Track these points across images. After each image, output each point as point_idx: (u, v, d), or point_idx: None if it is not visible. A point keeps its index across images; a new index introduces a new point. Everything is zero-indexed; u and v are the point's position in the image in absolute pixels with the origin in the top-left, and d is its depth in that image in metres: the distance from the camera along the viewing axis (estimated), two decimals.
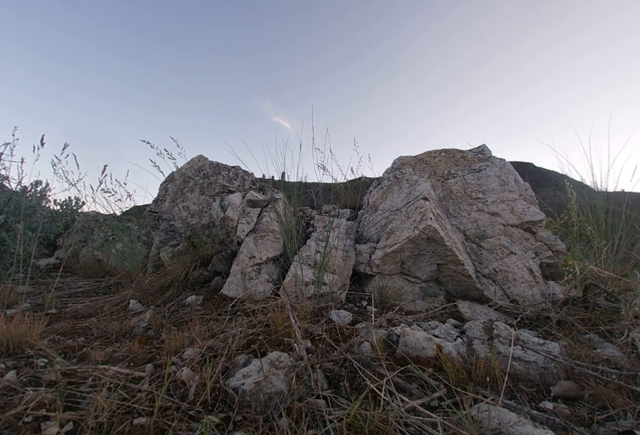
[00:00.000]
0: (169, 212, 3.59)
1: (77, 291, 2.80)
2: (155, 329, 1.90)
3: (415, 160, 3.76)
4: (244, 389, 1.14)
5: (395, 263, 2.52)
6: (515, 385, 1.29)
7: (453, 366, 1.32)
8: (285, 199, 3.16)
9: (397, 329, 1.73)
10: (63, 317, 2.09)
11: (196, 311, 2.12)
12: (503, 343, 1.53)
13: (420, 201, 2.63)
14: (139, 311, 2.23)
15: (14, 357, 1.42)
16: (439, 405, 1.15)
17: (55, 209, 4.37)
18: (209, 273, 2.76)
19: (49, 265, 3.83)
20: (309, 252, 2.64)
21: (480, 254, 2.61)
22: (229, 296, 2.32)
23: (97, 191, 3.33)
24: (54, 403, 1.06)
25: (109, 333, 1.80)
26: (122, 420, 0.99)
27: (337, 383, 1.29)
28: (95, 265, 3.57)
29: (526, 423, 1.01)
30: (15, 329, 1.51)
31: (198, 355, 1.44)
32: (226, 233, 2.83)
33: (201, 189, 3.81)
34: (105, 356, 1.48)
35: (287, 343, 1.55)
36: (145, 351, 1.55)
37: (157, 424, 0.98)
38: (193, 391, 1.15)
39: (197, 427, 0.98)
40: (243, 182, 4.18)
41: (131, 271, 3.03)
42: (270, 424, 1.00)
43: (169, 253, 3.13)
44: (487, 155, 3.45)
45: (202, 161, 4.04)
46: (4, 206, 3.23)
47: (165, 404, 1.07)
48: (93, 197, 3.45)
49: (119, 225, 3.49)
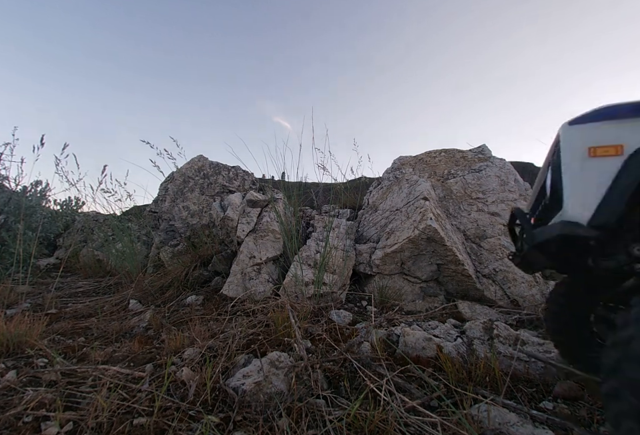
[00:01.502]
0: (169, 212, 3.59)
1: (76, 291, 2.80)
2: (155, 329, 1.90)
3: (414, 160, 3.76)
4: (244, 389, 1.14)
5: (394, 263, 2.51)
6: (515, 385, 1.29)
7: (452, 366, 1.32)
8: (284, 199, 3.16)
9: (397, 329, 1.73)
10: (63, 317, 2.09)
11: (196, 311, 2.12)
12: (503, 343, 1.53)
13: (420, 201, 2.63)
14: (139, 311, 2.23)
15: (14, 357, 1.42)
16: (439, 405, 1.15)
17: (55, 209, 4.37)
18: (209, 273, 2.76)
19: (48, 265, 3.83)
20: (309, 252, 2.64)
21: (480, 254, 2.61)
22: (229, 296, 2.32)
23: (96, 191, 3.33)
24: (54, 403, 1.06)
25: (109, 333, 1.80)
26: (122, 420, 0.99)
27: (337, 383, 1.29)
28: (95, 265, 3.57)
29: (526, 424, 1.01)
30: (15, 329, 1.51)
31: (198, 355, 1.44)
32: (226, 233, 2.83)
33: (200, 189, 3.81)
34: (104, 356, 1.48)
35: (287, 343, 1.55)
36: (145, 351, 1.55)
37: (157, 424, 0.98)
38: (193, 391, 1.15)
39: (196, 427, 0.98)
40: (242, 182, 4.18)
41: (131, 271, 3.03)
42: (270, 424, 1.00)
43: (169, 253, 3.13)
44: (487, 155, 3.45)
45: (202, 161, 4.04)
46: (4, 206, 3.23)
47: (164, 404, 1.07)
48: (93, 197, 3.45)
49: (119, 225, 3.49)
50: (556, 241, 0.86)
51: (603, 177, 0.80)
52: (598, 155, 0.82)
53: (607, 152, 0.81)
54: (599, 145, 0.83)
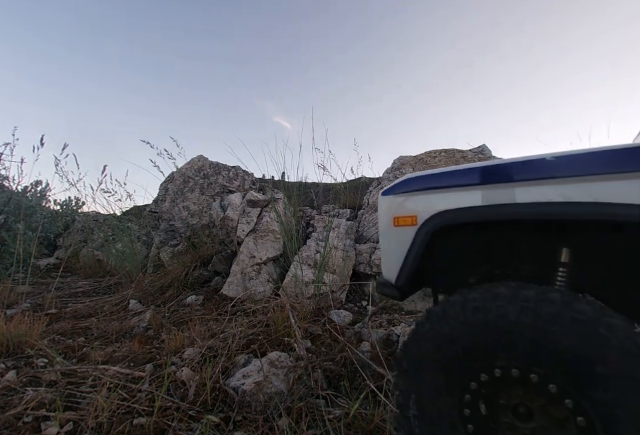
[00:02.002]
0: (169, 212, 3.59)
1: (76, 291, 2.80)
2: (155, 329, 1.90)
3: (415, 160, 3.76)
4: (244, 389, 1.14)
5: None
6: None
7: None
8: (284, 199, 3.16)
9: (397, 329, 1.74)
10: (63, 317, 2.09)
11: (196, 311, 2.12)
12: None
13: None
14: (139, 311, 2.23)
15: (14, 357, 1.42)
16: None
17: (55, 209, 4.37)
18: (209, 273, 2.76)
19: (48, 265, 3.83)
20: (309, 252, 2.64)
21: None
22: (229, 296, 2.32)
23: (96, 191, 3.33)
24: (54, 403, 1.06)
25: (109, 333, 1.80)
26: (122, 420, 0.99)
27: (337, 383, 1.29)
28: (95, 265, 3.57)
29: None
30: (15, 329, 1.51)
31: (198, 355, 1.44)
32: (226, 233, 2.83)
33: (200, 189, 3.81)
34: (104, 356, 1.48)
35: (287, 343, 1.55)
36: (145, 351, 1.55)
37: (157, 424, 0.98)
38: (193, 391, 1.15)
39: (196, 427, 0.98)
40: (242, 182, 4.18)
41: (131, 271, 3.03)
42: (270, 424, 1.00)
43: (169, 253, 3.13)
44: (487, 155, 3.45)
45: (202, 161, 4.04)
46: (4, 206, 3.23)
47: (164, 404, 1.07)
48: (93, 197, 3.46)
49: (119, 225, 3.49)
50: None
51: (404, 245, 0.90)
52: (400, 225, 0.91)
53: (405, 222, 0.90)
54: (400, 215, 0.92)
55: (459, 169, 0.84)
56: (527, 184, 0.72)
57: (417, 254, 0.87)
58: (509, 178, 0.75)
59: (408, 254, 0.89)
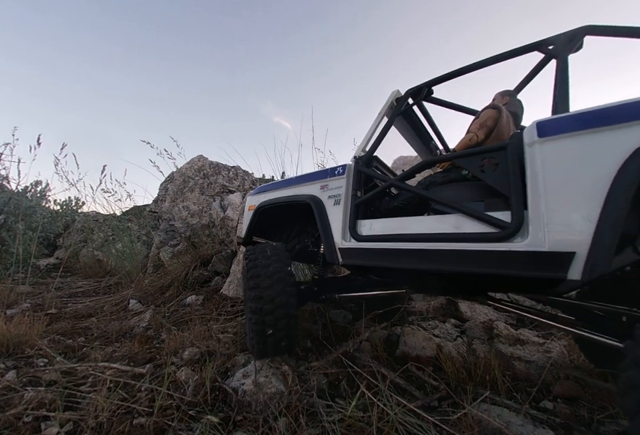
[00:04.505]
0: (169, 212, 3.59)
1: (76, 291, 2.80)
2: (155, 329, 1.90)
3: (415, 160, 3.76)
4: (244, 389, 1.14)
5: None
6: (515, 385, 1.29)
7: (453, 366, 1.32)
8: None
9: (397, 329, 1.73)
10: (63, 317, 2.09)
11: (196, 311, 2.12)
12: (503, 343, 1.53)
13: None
14: (139, 311, 2.23)
15: (14, 357, 1.42)
16: (439, 405, 1.15)
17: (55, 209, 4.38)
18: (209, 273, 2.76)
19: (48, 265, 3.83)
20: None
21: None
22: (229, 296, 2.32)
23: (96, 191, 3.33)
24: (54, 403, 1.06)
25: (109, 333, 1.80)
26: (122, 420, 0.99)
27: (337, 384, 1.29)
28: (95, 265, 3.57)
29: (526, 423, 1.01)
30: (15, 329, 1.51)
31: (198, 355, 1.44)
32: (226, 233, 2.83)
33: (200, 189, 3.81)
34: (104, 356, 1.48)
35: None
36: (144, 351, 1.55)
37: (157, 424, 0.98)
38: (193, 391, 1.15)
39: (196, 427, 0.98)
40: (242, 182, 4.18)
41: (130, 271, 3.03)
42: (269, 424, 1.00)
43: (169, 253, 3.13)
44: None
45: (202, 161, 4.04)
46: (4, 206, 3.23)
47: (164, 404, 1.07)
48: (92, 197, 3.46)
49: (119, 225, 3.49)
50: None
51: (249, 219, 1.90)
52: (249, 210, 1.93)
53: (250, 208, 1.92)
54: (250, 205, 1.95)
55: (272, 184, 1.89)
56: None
57: (251, 223, 1.86)
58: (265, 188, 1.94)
59: (250, 223, 1.87)
